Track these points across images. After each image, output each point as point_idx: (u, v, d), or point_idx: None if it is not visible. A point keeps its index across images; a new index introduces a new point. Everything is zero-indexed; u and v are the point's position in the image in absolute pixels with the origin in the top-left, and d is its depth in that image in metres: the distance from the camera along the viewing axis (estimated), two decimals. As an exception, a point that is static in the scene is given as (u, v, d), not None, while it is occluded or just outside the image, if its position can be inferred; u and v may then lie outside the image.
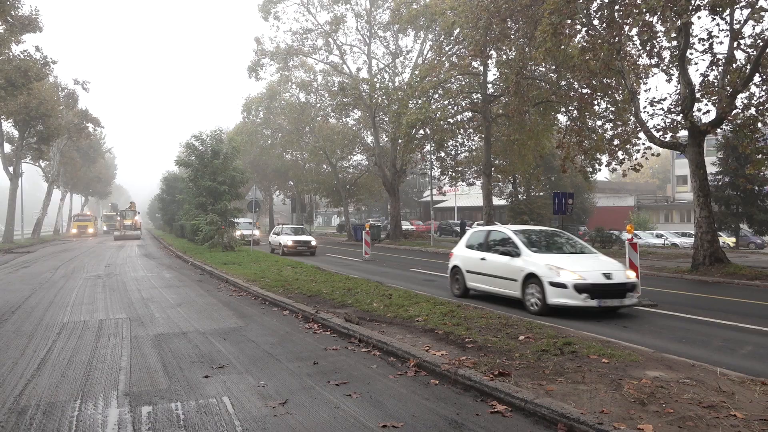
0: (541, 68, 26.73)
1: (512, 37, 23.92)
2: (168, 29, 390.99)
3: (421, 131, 31.94)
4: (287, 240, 27.82)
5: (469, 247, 13.39)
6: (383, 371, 6.82)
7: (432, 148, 33.73)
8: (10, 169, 41.96)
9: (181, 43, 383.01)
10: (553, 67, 25.10)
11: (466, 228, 47.50)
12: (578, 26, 19.73)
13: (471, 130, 34.18)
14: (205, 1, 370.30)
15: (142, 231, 61.03)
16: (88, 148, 63.16)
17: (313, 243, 28.14)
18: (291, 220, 61.07)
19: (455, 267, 13.50)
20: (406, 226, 52.65)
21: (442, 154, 34.25)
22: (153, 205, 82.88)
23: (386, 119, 39.64)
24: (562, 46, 19.62)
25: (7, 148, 42.33)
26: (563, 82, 25.53)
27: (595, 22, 19.54)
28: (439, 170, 35.51)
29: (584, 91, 23.24)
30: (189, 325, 9.82)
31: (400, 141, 34.14)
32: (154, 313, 11.04)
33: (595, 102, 24.10)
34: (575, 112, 25.98)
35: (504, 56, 27.23)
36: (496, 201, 42.22)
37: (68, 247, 38.64)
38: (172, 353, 7.73)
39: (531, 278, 10.93)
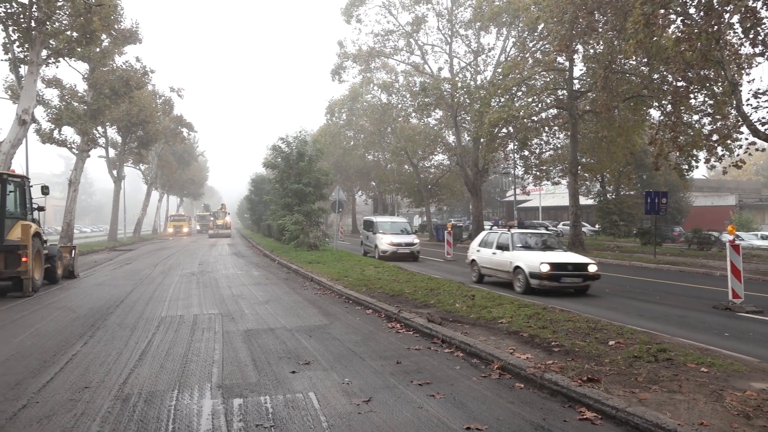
0: (631, 61, 25.55)
1: (600, 30, 23.04)
2: (254, 35, 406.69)
3: (504, 130, 31.36)
4: (534, 261, 13.77)
5: None
6: (466, 372, 6.76)
7: (515, 147, 33.05)
8: (114, 172, 45.23)
9: (267, 48, 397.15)
10: (645, 59, 23.92)
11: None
12: (672, 16, 18.69)
13: (556, 128, 33.22)
14: (290, 6, 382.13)
15: (232, 230, 63.94)
16: (182, 151, 66.84)
17: (594, 269, 13.91)
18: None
19: None
20: (488, 226, 51.89)
21: (526, 153, 33.45)
22: (242, 205, 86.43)
23: (468, 118, 39.25)
24: (655, 38, 18.64)
25: (111, 153, 45.59)
26: (656, 76, 24.27)
27: (691, 10, 18.43)
28: (523, 169, 34.68)
29: (679, 84, 21.94)
30: (276, 321, 10.15)
31: (482, 140, 33.64)
32: (243, 310, 11.49)
33: (692, 95, 22.71)
34: (669, 106, 24.60)
35: (591, 50, 26.31)
36: (583, 201, 40.76)
37: (165, 245, 40.98)
38: (260, 348, 8.02)
39: None
